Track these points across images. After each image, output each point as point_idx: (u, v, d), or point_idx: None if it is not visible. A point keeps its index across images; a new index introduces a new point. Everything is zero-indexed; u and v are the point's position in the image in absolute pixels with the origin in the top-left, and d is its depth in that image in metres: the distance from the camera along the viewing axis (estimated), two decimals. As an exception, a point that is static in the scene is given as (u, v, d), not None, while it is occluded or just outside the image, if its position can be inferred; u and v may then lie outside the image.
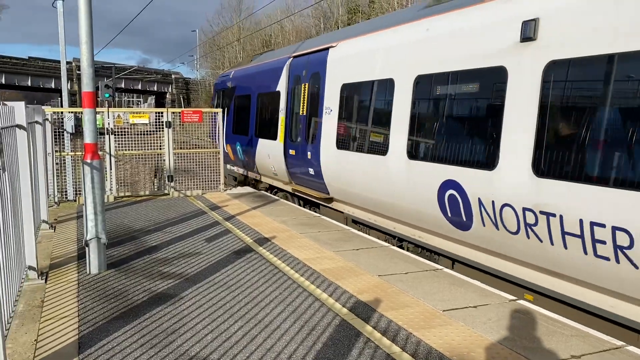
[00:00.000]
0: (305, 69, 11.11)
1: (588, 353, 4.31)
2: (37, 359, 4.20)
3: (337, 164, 9.60)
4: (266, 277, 6.31)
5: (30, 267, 6.12)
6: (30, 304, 5.41)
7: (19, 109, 6.06)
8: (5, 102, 6.15)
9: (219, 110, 13.27)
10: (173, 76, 76.73)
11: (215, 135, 14.73)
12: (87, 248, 6.47)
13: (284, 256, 7.20)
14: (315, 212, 11.52)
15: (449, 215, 6.85)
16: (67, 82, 19.27)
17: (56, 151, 11.60)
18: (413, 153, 7.48)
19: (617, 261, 4.75)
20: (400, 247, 8.55)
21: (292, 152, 11.57)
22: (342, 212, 10.34)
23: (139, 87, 74.02)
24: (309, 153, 10.75)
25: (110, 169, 11.90)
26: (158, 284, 6.03)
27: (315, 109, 10.61)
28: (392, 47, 8.17)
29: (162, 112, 12.45)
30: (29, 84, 63.69)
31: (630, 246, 4.58)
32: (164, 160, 12.59)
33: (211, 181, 13.28)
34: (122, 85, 68.85)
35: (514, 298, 5.64)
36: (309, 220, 9.69)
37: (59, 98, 75.63)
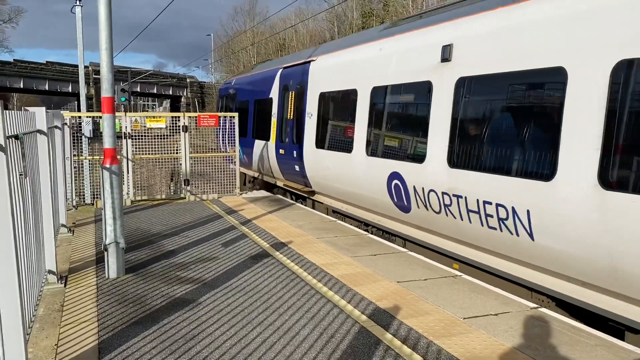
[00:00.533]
0: (292, 79, 12.72)
1: (614, 364, 4.23)
2: (58, 364, 4.22)
3: (316, 161, 11.18)
4: (283, 282, 6.29)
5: (50, 271, 6.16)
6: (50, 308, 5.45)
7: (39, 114, 6.11)
8: (26, 108, 6.22)
9: (236, 114, 13.32)
10: (188, 80, 77.27)
11: (220, 139, 15.87)
12: (105, 252, 6.50)
13: (301, 261, 7.18)
14: (303, 204, 12.90)
15: (395, 200, 8.39)
16: (84, 87, 19.46)
17: (74, 155, 11.71)
18: (370, 150, 9.03)
19: (501, 230, 6.26)
20: (367, 231, 9.80)
21: (281, 151, 13.15)
22: (323, 203, 11.84)
23: (154, 90, 74.66)
24: (294, 152, 12.31)
25: (127, 173, 11.98)
26: (176, 289, 6.04)
27: (300, 113, 12.07)
28: (356, 62, 9.73)
29: (178, 117, 12.52)
30: (47, 88, 64.58)
31: (507, 218, 6.09)
32: (180, 164, 12.65)
33: (227, 185, 13.32)
34: (138, 89, 69.52)
35: (535, 306, 5.55)
36: (325, 225, 9.66)
37: (76, 102, 76.52)
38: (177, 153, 12.74)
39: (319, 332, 4.84)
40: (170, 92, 76.46)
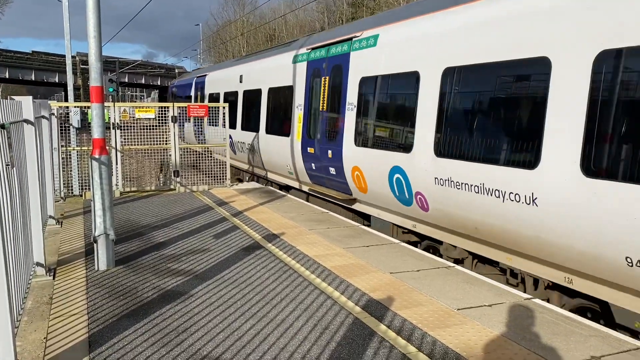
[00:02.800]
0: (200, 85, 21.23)
1: (608, 354, 4.23)
2: (48, 358, 4.14)
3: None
4: (276, 274, 6.24)
5: (38, 264, 6.06)
6: (39, 300, 5.35)
7: (26, 104, 5.98)
8: (12, 97, 6.08)
9: (226, 105, 13.26)
10: (176, 70, 76.53)
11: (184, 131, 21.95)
12: (95, 244, 6.40)
13: (293, 253, 7.13)
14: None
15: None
16: (72, 76, 19.25)
17: (62, 146, 11.53)
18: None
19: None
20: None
21: (195, 129, 20.45)
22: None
23: (143, 81, 73.91)
24: (201, 130, 19.77)
25: (116, 164, 11.83)
26: (167, 281, 5.96)
27: None
28: (220, 78, 18.32)
29: (168, 107, 12.37)
30: (33, 78, 63.56)
31: (254, 149, 14.56)
32: (170, 155, 12.51)
33: (217, 176, 13.21)
34: (126, 80, 68.75)
35: (529, 297, 5.56)
36: (317, 216, 9.61)
37: (63, 92, 75.50)
38: (166, 144, 12.61)
39: (313, 323, 4.80)
40: (159, 83, 75.72)
